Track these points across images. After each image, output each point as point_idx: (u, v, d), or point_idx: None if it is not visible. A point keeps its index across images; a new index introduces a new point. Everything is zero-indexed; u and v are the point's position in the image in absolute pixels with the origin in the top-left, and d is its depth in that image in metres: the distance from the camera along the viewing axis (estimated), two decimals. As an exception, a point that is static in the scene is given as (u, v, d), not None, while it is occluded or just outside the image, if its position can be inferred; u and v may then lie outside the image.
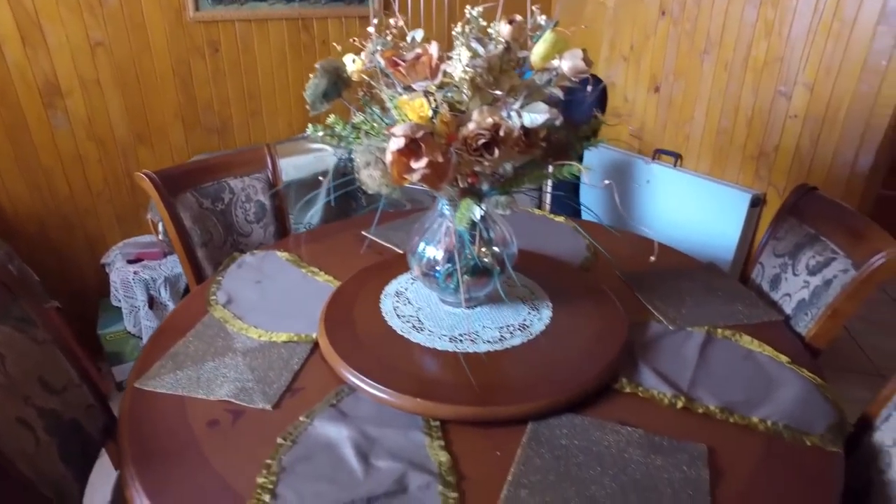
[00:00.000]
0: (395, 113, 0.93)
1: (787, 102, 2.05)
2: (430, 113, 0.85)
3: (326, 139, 0.97)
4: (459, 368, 0.99)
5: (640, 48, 2.58)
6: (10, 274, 1.02)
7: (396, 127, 0.80)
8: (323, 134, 0.97)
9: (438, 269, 1.09)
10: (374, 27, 0.98)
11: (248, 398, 0.96)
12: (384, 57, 0.88)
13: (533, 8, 0.93)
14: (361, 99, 1.02)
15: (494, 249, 1.09)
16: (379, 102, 1.00)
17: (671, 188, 2.41)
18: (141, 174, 1.46)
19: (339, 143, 0.97)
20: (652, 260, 1.32)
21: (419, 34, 0.97)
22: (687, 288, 1.31)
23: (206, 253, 1.57)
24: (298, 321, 1.17)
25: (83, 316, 2.16)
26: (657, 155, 2.56)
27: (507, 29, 0.86)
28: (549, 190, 2.56)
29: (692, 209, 2.33)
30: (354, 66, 1.01)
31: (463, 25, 0.90)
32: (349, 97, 1.03)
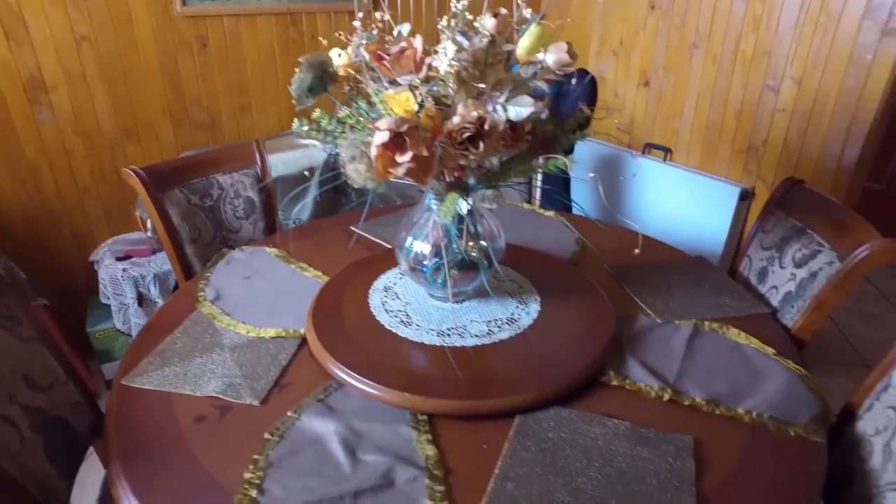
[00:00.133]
0: (380, 107, 0.93)
1: (775, 96, 2.06)
2: (415, 107, 0.85)
3: (312, 134, 0.97)
4: (447, 363, 0.99)
5: (629, 43, 2.58)
6: (-7, 271, 1.01)
7: (381, 121, 0.80)
8: (308, 129, 0.96)
9: (426, 263, 1.09)
10: (359, 21, 0.98)
11: (235, 394, 0.96)
12: (368, 51, 0.87)
13: (519, 1, 0.93)
14: (348, 94, 1.02)
15: (482, 244, 1.09)
16: (365, 97, 1.00)
17: (661, 183, 2.41)
18: (128, 170, 1.45)
19: (324, 137, 0.96)
20: (636, 252, 1.32)
21: (406, 28, 0.97)
22: (675, 281, 1.32)
23: (195, 249, 1.56)
24: (287, 317, 1.17)
25: (72, 314, 2.14)
26: (647, 149, 2.57)
27: (491, 22, 0.86)
28: (539, 184, 2.56)
29: (682, 203, 2.34)
30: (340, 60, 1.00)
31: (448, 19, 0.89)
32: (336, 92, 1.03)
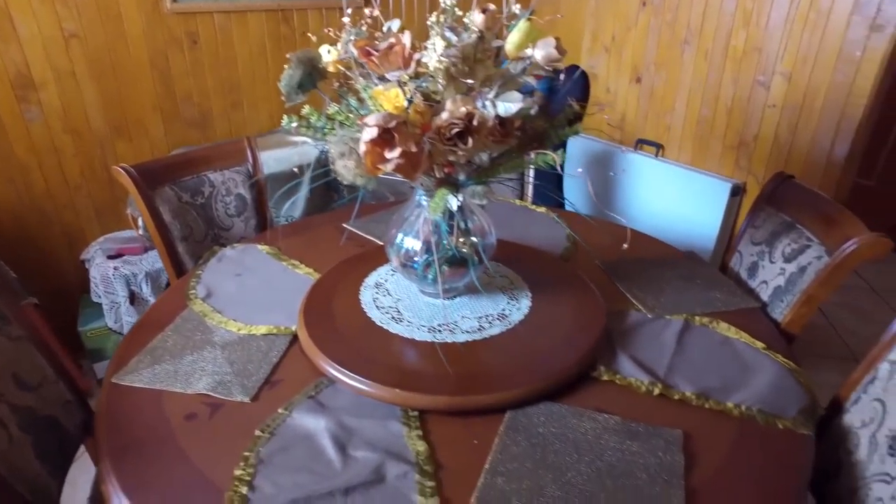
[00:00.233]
0: (370, 103, 0.93)
1: (765, 92, 2.07)
2: (405, 103, 0.85)
3: (301, 130, 0.96)
4: (438, 359, 0.99)
5: (621, 39, 2.59)
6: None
7: (369, 117, 0.80)
8: (297, 125, 0.96)
9: (417, 259, 1.09)
10: (348, 17, 0.98)
11: (226, 391, 0.96)
12: (357, 47, 0.87)
13: (509, -3, 0.93)
14: (337, 90, 1.02)
15: (472, 240, 1.09)
16: (355, 93, 0.99)
17: (653, 178, 2.42)
18: (118, 168, 1.44)
19: (314, 134, 0.96)
20: (625, 247, 1.33)
21: (395, 24, 0.97)
22: (666, 276, 1.32)
23: (186, 247, 1.56)
24: (278, 314, 1.16)
25: (64, 313, 2.13)
26: (639, 145, 2.57)
27: (480, 18, 0.86)
28: (531, 181, 2.56)
29: (674, 199, 2.35)
30: (330, 56, 1.00)
31: (438, 15, 0.89)
32: (325, 88, 1.02)
